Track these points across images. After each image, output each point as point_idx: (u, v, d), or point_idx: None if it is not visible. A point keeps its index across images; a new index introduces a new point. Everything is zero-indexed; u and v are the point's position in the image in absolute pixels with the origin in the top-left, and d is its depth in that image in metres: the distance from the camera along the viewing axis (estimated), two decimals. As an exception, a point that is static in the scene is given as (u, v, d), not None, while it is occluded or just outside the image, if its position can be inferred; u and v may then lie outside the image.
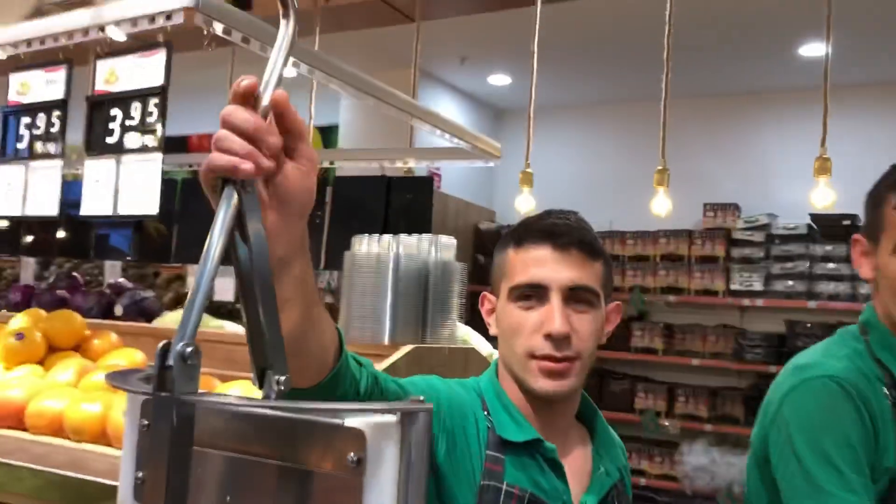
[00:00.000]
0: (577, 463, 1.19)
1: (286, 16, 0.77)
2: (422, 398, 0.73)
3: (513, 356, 1.16)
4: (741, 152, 5.40)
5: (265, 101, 0.75)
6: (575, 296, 1.14)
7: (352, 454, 0.69)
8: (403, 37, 3.92)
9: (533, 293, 1.14)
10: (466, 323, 2.04)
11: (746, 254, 4.98)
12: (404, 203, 2.72)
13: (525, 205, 2.95)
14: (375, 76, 4.95)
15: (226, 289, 3.01)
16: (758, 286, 4.90)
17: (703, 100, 5.45)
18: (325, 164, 3.06)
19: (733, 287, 4.97)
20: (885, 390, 1.20)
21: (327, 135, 6.22)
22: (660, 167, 2.67)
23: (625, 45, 4.64)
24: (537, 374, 1.12)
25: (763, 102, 5.30)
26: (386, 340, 1.82)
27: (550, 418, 1.17)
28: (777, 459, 1.23)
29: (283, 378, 0.81)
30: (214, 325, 2.44)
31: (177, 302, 3.54)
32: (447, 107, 5.67)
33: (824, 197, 2.49)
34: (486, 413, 1.15)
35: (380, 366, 1.68)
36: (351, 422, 0.71)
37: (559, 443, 1.17)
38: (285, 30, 0.76)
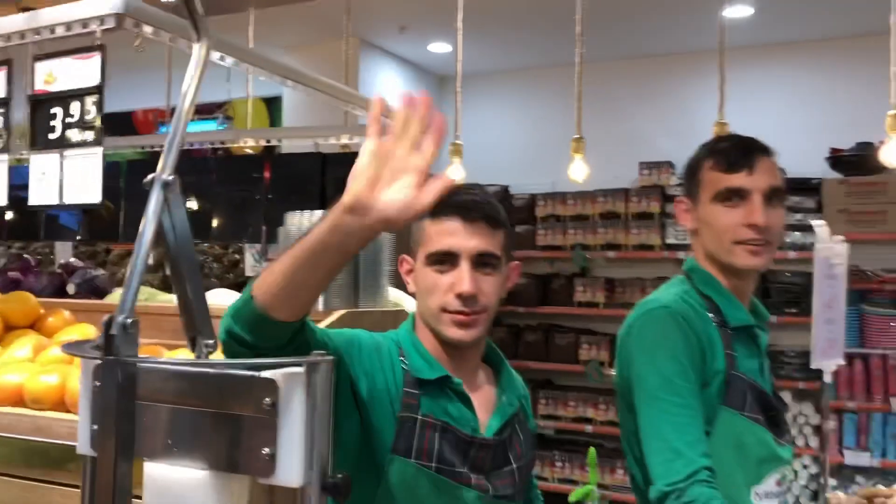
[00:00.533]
0: (483, 396, 1.41)
1: (199, 39, 0.91)
2: (324, 352, 0.90)
3: (428, 311, 1.36)
4: (674, 112, 5.59)
5: (186, 106, 0.90)
6: (481, 260, 1.34)
7: (267, 399, 0.86)
8: (342, 7, 4.00)
9: (446, 259, 1.34)
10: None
11: (680, 209, 5.21)
12: (341, 178, 2.84)
13: (456, 175, 3.11)
14: (317, 48, 4.99)
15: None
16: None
17: (637, 61, 5.62)
18: (263, 143, 3.18)
19: (669, 241, 5.21)
20: (711, 315, 1.50)
21: (272, 105, 6.25)
22: (575, 136, 2.85)
23: (562, 9, 4.77)
24: (450, 325, 1.33)
25: (692, 62, 5.47)
26: (320, 307, 1.99)
27: (460, 361, 1.38)
28: (628, 379, 1.50)
29: (210, 342, 0.98)
30: (164, 300, 2.55)
31: (129, 277, 3.63)
32: (389, 75, 5.74)
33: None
34: (402, 358, 1.35)
35: (315, 329, 1.85)
36: (265, 373, 0.88)
37: (468, 380, 1.38)
38: (198, 52, 0.90)
